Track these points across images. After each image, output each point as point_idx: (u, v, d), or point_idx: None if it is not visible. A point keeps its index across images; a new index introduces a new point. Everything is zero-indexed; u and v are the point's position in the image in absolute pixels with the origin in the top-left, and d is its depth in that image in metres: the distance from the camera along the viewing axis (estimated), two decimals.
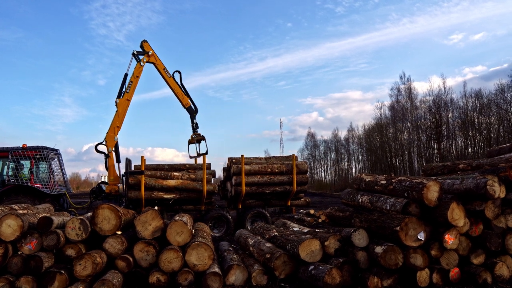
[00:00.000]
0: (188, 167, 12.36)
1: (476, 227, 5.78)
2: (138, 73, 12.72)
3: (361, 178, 7.35)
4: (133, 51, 12.74)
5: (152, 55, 12.94)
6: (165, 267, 5.45)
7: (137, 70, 12.71)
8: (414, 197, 5.63)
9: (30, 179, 11.85)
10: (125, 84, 12.52)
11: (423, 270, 5.34)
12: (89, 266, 5.30)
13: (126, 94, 12.49)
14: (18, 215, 5.61)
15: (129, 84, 12.54)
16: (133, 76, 12.63)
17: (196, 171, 12.05)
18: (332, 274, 5.04)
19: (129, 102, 12.62)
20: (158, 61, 13.02)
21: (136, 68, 12.69)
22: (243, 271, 5.66)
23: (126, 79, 12.55)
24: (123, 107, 12.45)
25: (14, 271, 5.46)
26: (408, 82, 47.93)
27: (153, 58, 12.95)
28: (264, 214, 11.92)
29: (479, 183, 5.59)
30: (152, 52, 12.94)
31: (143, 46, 12.93)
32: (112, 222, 5.75)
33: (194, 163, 12.82)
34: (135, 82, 12.67)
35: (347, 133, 63.48)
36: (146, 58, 12.83)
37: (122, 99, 12.44)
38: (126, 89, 12.54)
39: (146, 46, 12.94)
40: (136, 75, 12.70)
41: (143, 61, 12.79)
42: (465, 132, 40.19)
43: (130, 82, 12.55)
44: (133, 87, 12.65)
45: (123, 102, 12.46)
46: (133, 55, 12.74)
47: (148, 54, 12.86)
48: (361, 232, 5.73)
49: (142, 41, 12.98)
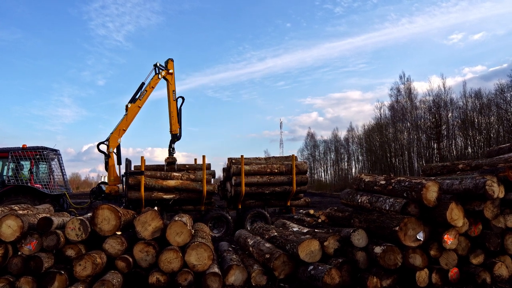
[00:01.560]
0: (188, 167, 12.39)
1: (475, 227, 5.79)
2: (154, 84, 13.09)
3: (361, 178, 7.36)
4: (156, 62, 13.11)
5: (171, 75, 13.43)
6: (165, 267, 5.46)
7: (154, 81, 13.05)
8: (413, 197, 5.64)
9: (30, 180, 11.86)
10: (140, 91, 12.82)
11: (422, 270, 5.35)
12: (89, 267, 5.31)
13: (138, 101, 12.75)
14: (18, 215, 5.62)
15: (143, 92, 12.83)
16: (148, 86, 12.95)
17: (196, 172, 12.07)
18: (331, 274, 5.05)
19: (139, 109, 12.86)
20: (172, 81, 13.44)
21: (153, 79, 13.02)
22: (242, 271, 5.67)
23: (142, 87, 12.85)
24: (133, 113, 12.67)
25: (14, 272, 5.47)
26: (407, 82, 48.00)
27: (169, 77, 13.39)
28: (263, 215, 11.94)
29: (478, 183, 5.60)
30: (172, 71, 13.46)
31: (168, 63, 13.41)
32: (112, 223, 5.76)
33: (194, 164, 12.85)
34: (149, 91, 13.00)
35: (347, 133, 63.54)
36: (165, 73, 13.24)
37: (133, 105, 12.66)
38: (140, 96, 12.80)
39: (170, 65, 13.44)
40: (152, 86, 13.04)
41: (162, 75, 13.17)
42: (465, 132, 40.22)
43: (144, 90, 12.85)
44: (146, 96, 12.94)
45: (133, 108, 12.67)
46: (155, 66, 13.06)
47: (169, 72, 13.35)
48: (360, 232, 5.74)
49: (169, 59, 13.49)
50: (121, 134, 12.33)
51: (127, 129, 12.55)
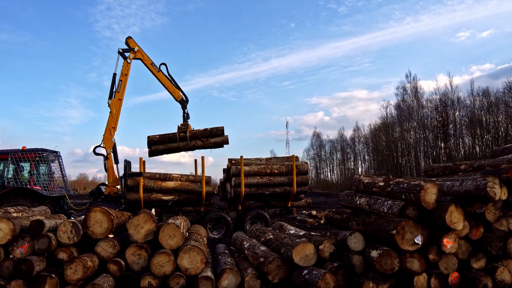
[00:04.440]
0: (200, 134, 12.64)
1: (476, 230, 5.61)
2: (126, 71, 12.54)
3: (360, 179, 7.20)
4: (118, 49, 12.56)
5: (138, 51, 12.67)
6: (157, 271, 5.36)
7: (125, 68, 12.54)
8: (412, 199, 5.47)
9: (29, 181, 11.87)
10: (115, 83, 12.40)
11: (421, 275, 5.18)
12: (80, 270, 5.24)
13: (117, 94, 12.41)
14: (10, 218, 5.55)
15: (119, 83, 12.42)
16: (121, 75, 12.48)
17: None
18: (325, 279, 4.91)
19: (121, 101, 12.52)
20: (144, 56, 12.73)
21: (123, 66, 12.53)
22: (236, 275, 5.55)
23: (115, 79, 12.43)
24: (116, 107, 12.37)
25: (6, 275, 5.41)
26: (414, 81, 47.61)
27: (139, 54, 12.68)
28: (263, 216, 11.82)
29: (479, 185, 5.41)
30: (137, 48, 12.67)
31: (128, 43, 12.73)
32: (104, 225, 5.68)
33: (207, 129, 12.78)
34: (124, 80, 12.51)
35: (353, 132, 63.19)
36: (132, 55, 12.63)
37: (114, 99, 12.37)
38: (117, 88, 12.41)
39: (131, 43, 12.71)
40: (125, 73, 12.52)
41: (130, 58, 12.57)
42: (473, 131, 39.74)
43: (119, 81, 12.43)
44: (123, 86, 12.50)
45: (115, 102, 12.38)
46: (119, 53, 12.56)
47: (134, 51, 12.62)
48: (357, 236, 5.59)
49: (127, 38, 12.75)
50: (113, 132, 12.22)
51: (116, 126, 12.38)
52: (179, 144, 12.50)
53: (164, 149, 12.82)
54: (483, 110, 39.62)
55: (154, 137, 12.77)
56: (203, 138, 12.46)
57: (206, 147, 12.74)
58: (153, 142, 12.73)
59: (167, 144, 12.71)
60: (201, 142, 12.57)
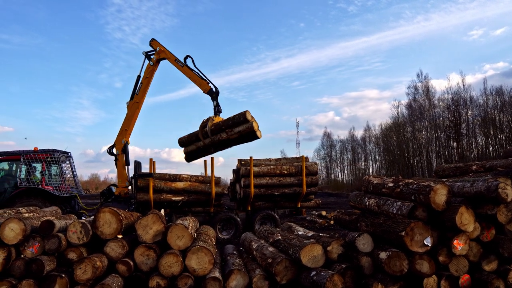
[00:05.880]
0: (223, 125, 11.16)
1: (487, 232, 5.51)
2: (148, 73, 12.34)
3: (369, 180, 7.13)
4: (143, 52, 12.40)
5: (162, 51, 12.30)
6: (165, 271, 5.39)
7: (147, 70, 12.34)
8: (421, 200, 5.40)
9: (41, 182, 12.04)
10: (138, 86, 12.24)
11: (430, 277, 5.10)
12: (89, 270, 5.28)
13: (136, 96, 12.28)
14: (21, 218, 5.64)
15: (139, 85, 12.25)
16: (143, 77, 12.29)
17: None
18: (333, 281, 4.87)
19: (138, 104, 12.34)
20: (168, 54, 12.27)
21: (146, 69, 12.34)
22: (244, 276, 5.55)
23: (139, 81, 12.26)
24: (132, 110, 12.29)
25: (17, 274, 5.49)
26: (425, 80, 47.05)
27: (163, 53, 12.31)
28: (273, 216, 11.78)
29: (490, 186, 5.31)
30: (160, 48, 12.32)
31: (152, 45, 12.54)
32: (113, 226, 5.72)
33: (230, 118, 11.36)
34: (145, 83, 12.31)
35: (364, 132, 62.85)
36: (156, 56, 12.34)
37: (131, 101, 12.28)
38: (137, 90, 12.27)
39: (154, 44, 12.51)
40: (146, 76, 12.32)
41: (153, 60, 12.31)
42: (486, 130, 39.12)
43: (140, 83, 12.26)
44: (142, 89, 12.31)
45: (132, 105, 12.28)
46: (145, 55, 12.37)
47: (157, 52, 12.33)
48: (365, 237, 5.53)
49: (151, 40, 12.57)
50: (125, 134, 12.20)
51: (130, 128, 12.23)
52: (203, 141, 11.29)
53: (195, 150, 11.87)
54: (496, 109, 39.03)
55: (183, 138, 12.13)
56: (227, 129, 10.75)
57: (232, 140, 10.97)
58: (182, 144, 12.10)
59: (196, 144, 11.78)
60: (225, 135, 10.79)
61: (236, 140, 10.99)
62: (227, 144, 11.31)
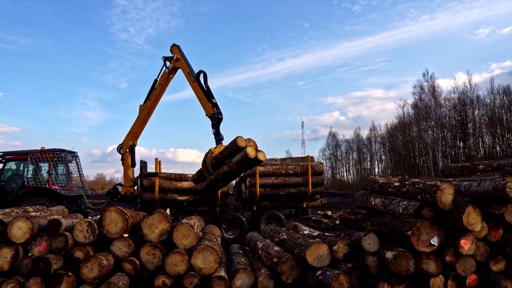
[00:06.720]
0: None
1: (495, 231, 5.46)
2: (162, 80, 12.02)
3: (375, 179, 7.10)
4: (162, 56, 11.93)
5: (178, 60, 11.73)
6: (171, 270, 5.41)
7: (162, 77, 11.98)
8: (428, 200, 5.37)
9: (48, 181, 12.14)
10: (153, 90, 12.01)
11: (437, 277, 5.07)
12: (96, 269, 5.31)
13: (148, 102, 12.17)
14: (28, 217, 5.68)
15: (153, 91, 12.04)
16: (158, 83, 12.02)
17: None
18: (339, 280, 4.86)
19: (150, 110, 12.15)
20: (183, 64, 11.65)
21: (162, 75, 11.97)
22: (249, 275, 5.54)
23: (154, 85, 12.02)
24: (142, 114, 12.20)
25: (24, 273, 5.54)
26: (431, 80, 46.81)
27: (179, 63, 11.75)
28: (278, 216, 11.78)
29: (498, 185, 5.27)
30: (177, 57, 11.76)
31: (172, 51, 12.04)
32: (119, 225, 5.76)
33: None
34: (158, 90, 12.04)
35: (369, 132, 62.59)
36: (172, 64, 11.84)
37: (143, 106, 12.17)
38: (150, 96, 12.09)
39: (174, 51, 11.94)
40: (161, 83, 12.02)
41: (169, 68, 11.84)
42: (493, 130, 38.78)
43: (154, 89, 12.03)
44: (155, 95, 12.08)
45: (143, 109, 12.18)
46: (164, 60, 11.93)
47: (174, 59, 11.77)
48: (371, 236, 5.51)
49: (172, 45, 11.97)
50: (133, 137, 12.20)
51: (139, 131, 12.17)
52: (209, 177, 9.82)
53: (207, 186, 10.30)
54: (503, 109, 38.68)
55: (194, 175, 10.77)
56: (226, 161, 9.10)
57: (235, 170, 9.24)
58: (195, 182, 10.78)
59: (206, 180, 10.21)
60: (226, 167, 9.08)
61: (239, 169, 9.42)
62: (232, 176, 10.14)
